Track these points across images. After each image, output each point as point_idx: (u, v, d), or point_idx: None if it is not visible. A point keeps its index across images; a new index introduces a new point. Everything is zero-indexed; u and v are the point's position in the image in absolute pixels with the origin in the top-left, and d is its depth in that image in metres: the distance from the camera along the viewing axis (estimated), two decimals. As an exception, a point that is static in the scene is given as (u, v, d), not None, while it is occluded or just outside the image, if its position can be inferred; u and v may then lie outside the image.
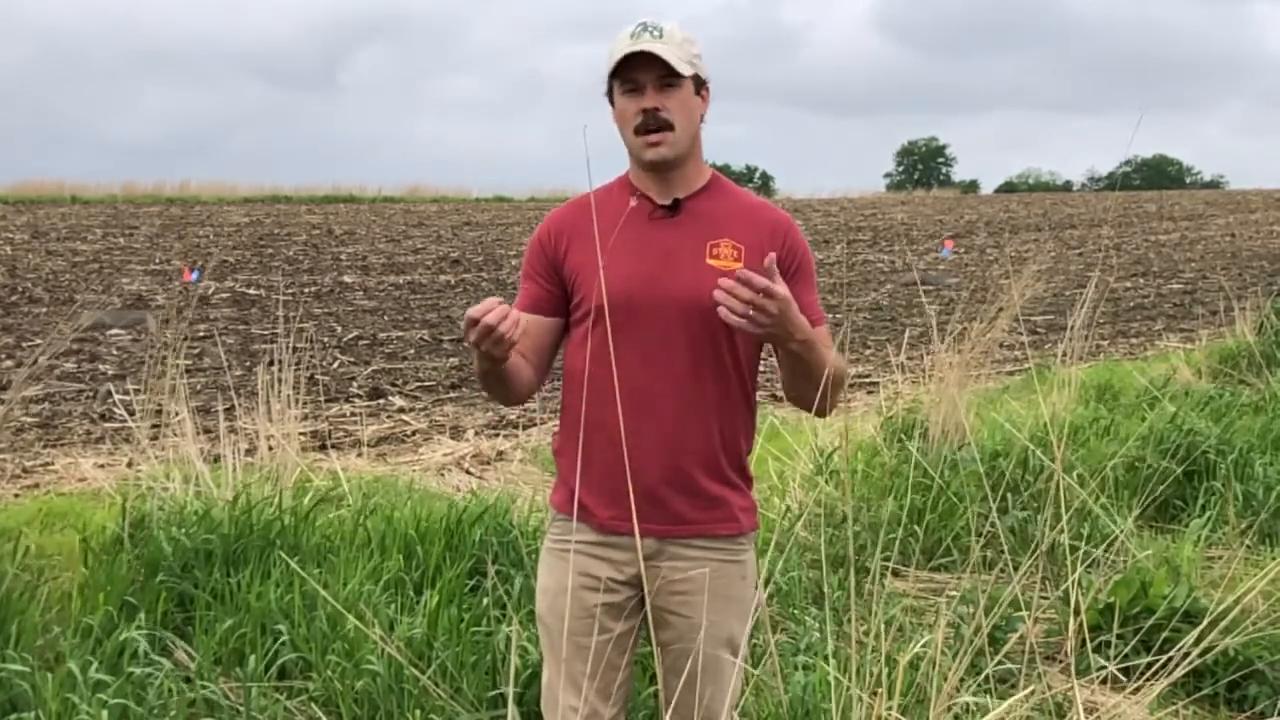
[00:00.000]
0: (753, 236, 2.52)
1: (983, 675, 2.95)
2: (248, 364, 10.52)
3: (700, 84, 2.52)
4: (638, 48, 2.43)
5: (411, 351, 12.38)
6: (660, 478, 2.47)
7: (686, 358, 2.49)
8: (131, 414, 5.85)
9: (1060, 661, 4.07)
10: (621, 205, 2.57)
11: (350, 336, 13.14)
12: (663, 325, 2.48)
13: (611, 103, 2.55)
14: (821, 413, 2.53)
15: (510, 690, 2.28)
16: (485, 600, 4.07)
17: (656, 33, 2.46)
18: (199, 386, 9.23)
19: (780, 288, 2.28)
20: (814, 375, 2.44)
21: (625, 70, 2.46)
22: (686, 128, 2.50)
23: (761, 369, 2.72)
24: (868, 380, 10.70)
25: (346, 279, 18.16)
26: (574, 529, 2.56)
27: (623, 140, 2.55)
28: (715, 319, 2.48)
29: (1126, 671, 3.67)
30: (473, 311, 2.27)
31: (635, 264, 2.49)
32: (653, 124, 2.47)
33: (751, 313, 2.27)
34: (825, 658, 3.79)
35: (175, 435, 5.72)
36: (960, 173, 79.92)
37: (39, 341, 11.40)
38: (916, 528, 5.29)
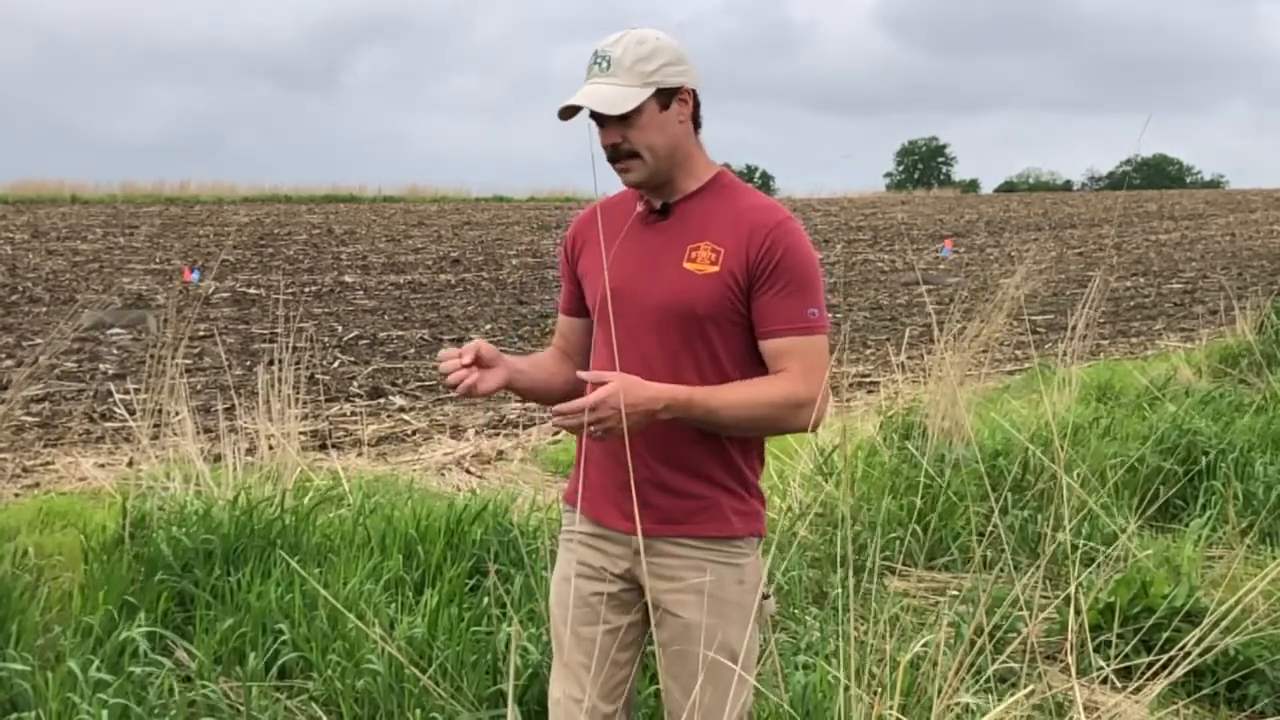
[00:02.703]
0: (733, 238, 2.48)
1: (984, 675, 2.95)
2: (248, 363, 10.52)
3: (671, 95, 2.46)
4: (578, 98, 2.42)
5: (412, 351, 12.39)
6: (643, 477, 2.45)
7: (665, 361, 2.48)
8: (132, 413, 5.85)
9: (1060, 661, 4.07)
10: (631, 209, 2.59)
11: (350, 336, 13.14)
12: (644, 328, 2.49)
13: None
14: (806, 430, 2.51)
15: (510, 689, 2.28)
16: (485, 600, 4.07)
17: (604, 64, 2.43)
18: (199, 386, 9.23)
19: (597, 394, 2.31)
20: (736, 422, 2.45)
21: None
22: (656, 149, 2.46)
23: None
24: (868, 380, 10.70)
25: (347, 278, 18.16)
26: (575, 520, 2.63)
27: None
28: (688, 323, 2.47)
29: (1127, 671, 3.67)
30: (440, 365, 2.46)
31: (623, 268, 2.51)
32: (617, 156, 2.47)
33: (592, 428, 2.32)
34: (825, 658, 3.79)
35: (175, 435, 5.73)
36: (961, 172, 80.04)
37: (39, 341, 11.41)
38: (917, 527, 5.29)
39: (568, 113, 2.45)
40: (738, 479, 2.56)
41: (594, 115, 2.46)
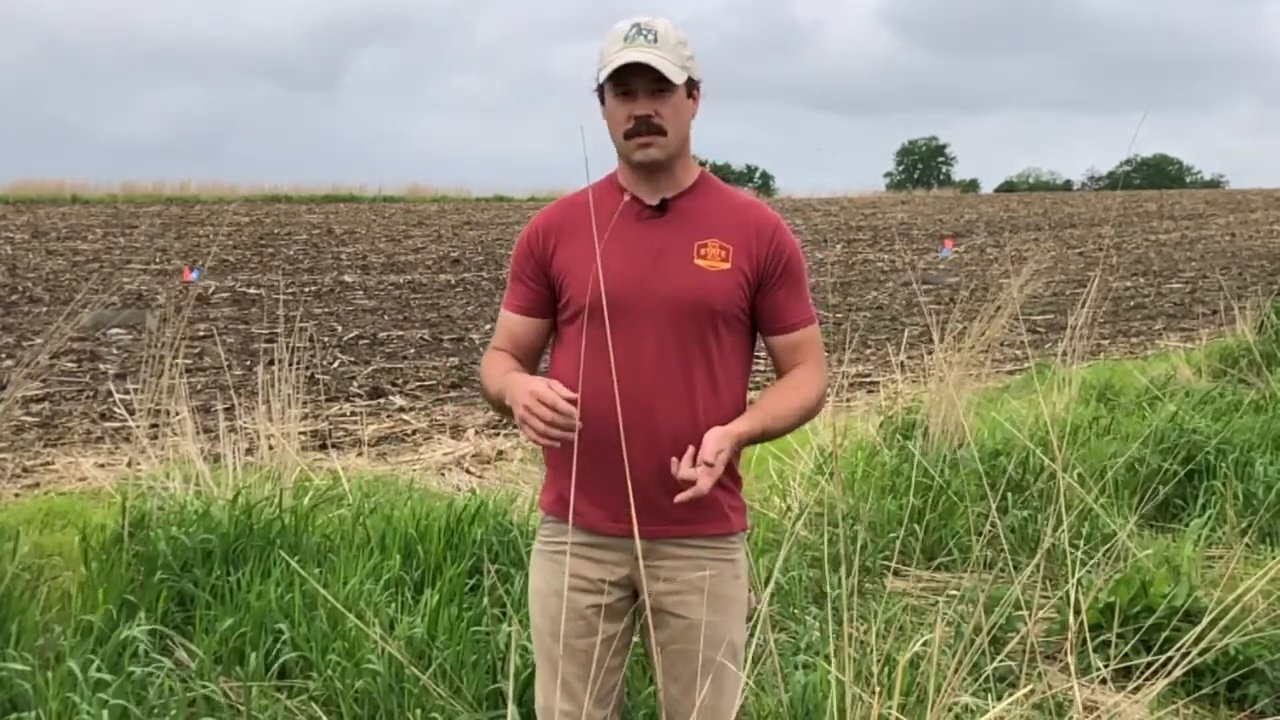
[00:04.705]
0: (740, 236, 2.52)
1: (983, 675, 2.95)
2: (248, 363, 10.52)
3: (692, 85, 2.51)
4: (632, 57, 2.41)
5: (411, 351, 12.39)
6: (650, 479, 2.44)
7: (675, 357, 2.48)
8: (131, 413, 5.85)
9: (1060, 661, 4.07)
10: (611, 204, 2.55)
11: (350, 336, 13.14)
12: (651, 325, 2.47)
13: (601, 100, 2.53)
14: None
15: (510, 689, 2.28)
16: (485, 600, 4.06)
17: (650, 36, 2.43)
18: (199, 386, 9.22)
19: (707, 460, 2.37)
20: (785, 431, 2.60)
21: (618, 75, 2.44)
22: (678, 131, 2.49)
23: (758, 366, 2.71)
24: (868, 380, 10.69)
25: (347, 278, 18.16)
26: (564, 530, 2.54)
27: (612, 140, 2.53)
28: (702, 318, 2.48)
29: (1127, 671, 3.67)
30: (551, 400, 2.32)
31: (624, 264, 2.48)
32: (645, 129, 2.46)
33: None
34: (825, 657, 3.79)
35: (175, 435, 5.72)
36: (961, 172, 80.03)
37: (39, 341, 11.41)
38: (917, 527, 5.29)
39: (616, 74, 2.44)
40: (732, 475, 2.59)
41: (619, 85, 2.45)
